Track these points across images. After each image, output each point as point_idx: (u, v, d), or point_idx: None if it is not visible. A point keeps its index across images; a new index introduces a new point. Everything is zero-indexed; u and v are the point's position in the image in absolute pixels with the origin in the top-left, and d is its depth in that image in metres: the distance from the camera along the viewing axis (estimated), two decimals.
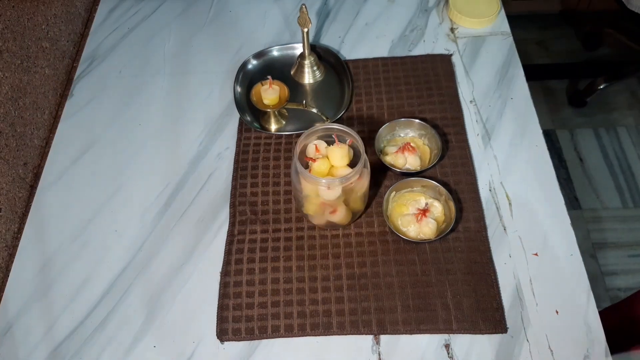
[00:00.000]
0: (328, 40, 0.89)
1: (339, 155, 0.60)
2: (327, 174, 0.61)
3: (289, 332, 0.60)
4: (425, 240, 0.63)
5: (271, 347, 0.60)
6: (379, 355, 0.59)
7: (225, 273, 0.64)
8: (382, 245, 0.65)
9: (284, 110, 0.79)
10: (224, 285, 0.63)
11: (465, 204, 0.68)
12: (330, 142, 0.62)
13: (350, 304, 0.61)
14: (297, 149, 0.59)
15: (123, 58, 0.88)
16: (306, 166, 0.61)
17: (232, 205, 0.70)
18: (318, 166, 0.60)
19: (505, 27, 0.88)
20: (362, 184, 0.61)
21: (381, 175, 0.71)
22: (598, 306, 0.61)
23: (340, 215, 0.63)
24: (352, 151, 0.62)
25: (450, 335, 0.59)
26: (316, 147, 0.62)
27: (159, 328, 0.61)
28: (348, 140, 0.60)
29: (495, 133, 0.75)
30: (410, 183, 0.67)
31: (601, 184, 1.56)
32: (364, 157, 0.58)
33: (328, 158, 0.61)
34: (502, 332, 0.59)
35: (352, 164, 0.61)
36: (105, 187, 0.73)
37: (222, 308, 0.62)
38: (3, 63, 0.71)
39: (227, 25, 0.92)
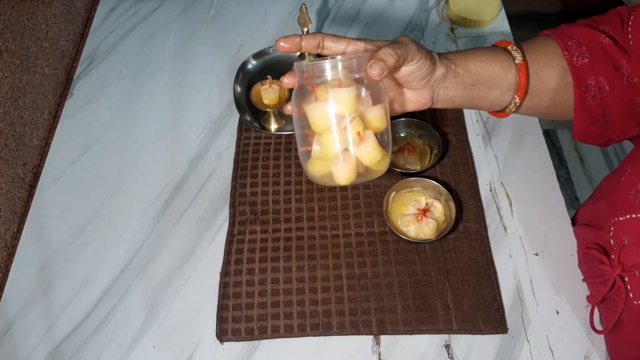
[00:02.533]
0: None
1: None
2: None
3: (289, 332, 0.60)
4: (425, 240, 0.63)
5: (271, 348, 0.60)
6: (379, 355, 0.59)
7: (224, 273, 0.64)
8: (382, 245, 0.65)
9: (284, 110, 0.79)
10: (223, 286, 0.63)
11: (466, 204, 0.68)
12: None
13: (350, 304, 0.61)
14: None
15: (123, 58, 0.88)
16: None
17: (232, 205, 0.70)
18: (322, 91, 0.49)
19: (505, 27, 0.88)
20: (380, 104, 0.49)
21: (381, 175, 0.71)
22: None
23: (370, 146, 0.48)
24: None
25: (451, 335, 0.59)
26: (313, 88, 0.49)
27: (159, 328, 0.61)
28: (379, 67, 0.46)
29: (496, 133, 0.75)
30: (410, 183, 0.67)
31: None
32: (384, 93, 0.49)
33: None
34: (502, 333, 0.59)
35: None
36: (105, 187, 0.73)
37: (221, 308, 0.62)
38: (3, 63, 0.71)
39: (227, 25, 0.92)
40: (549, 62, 0.54)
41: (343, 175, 0.49)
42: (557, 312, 0.60)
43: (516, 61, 0.54)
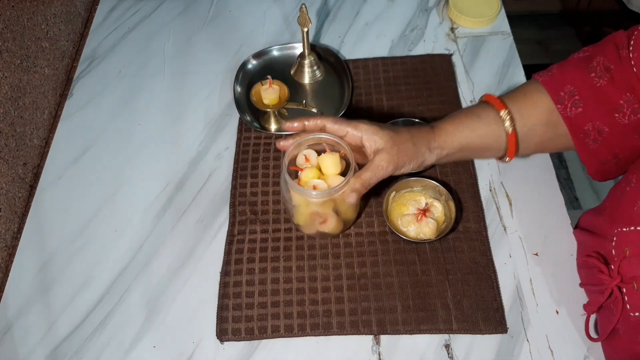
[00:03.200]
0: (328, 40, 0.88)
1: (330, 163, 0.59)
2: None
3: (289, 332, 0.60)
4: (425, 240, 0.63)
5: (271, 347, 0.60)
6: (379, 355, 0.59)
7: (225, 273, 0.64)
8: (382, 245, 0.65)
9: (284, 110, 0.79)
10: (223, 285, 0.63)
11: (466, 204, 0.68)
12: (320, 151, 0.61)
13: (350, 304, 0.61)
14: (286, 160, 0.58)
15: (123, 58, 0.88)
16: (295, 176, 0.60)
17: (232, 205, 0.70)
18: (305, 175, 0.59)
19: (505, 27, 0.88)
20: None
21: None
22: None
23: (331, 225, 0.62)
24: (343, 161, 0.60)
25: (451, 335, 0.59)
26: (306, 158, 0.60)
27: (159, 328, 0.61)
28: (341, 152, 0.59)
29: None
30: (410, 183, 0.67)
31: (601, 183, 1.56)
32: (353, 165, 0.57)
33: (318, 167, 0.60)
34: (502, 332, 0.59)
35: (344, 173, 0.60)
36: (105, 187, 0.73)
37: (221, 308, 0.62)
38: (3, 63, 0.71)
39: (227, 25, 0.92)
40: (539, 120, 0.57)
41: (305, 231, 0.66)
42: (557, 312, 0.60)
43: (507, 131, 0.57)
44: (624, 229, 0.52)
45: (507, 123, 0.57)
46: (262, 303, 0.62)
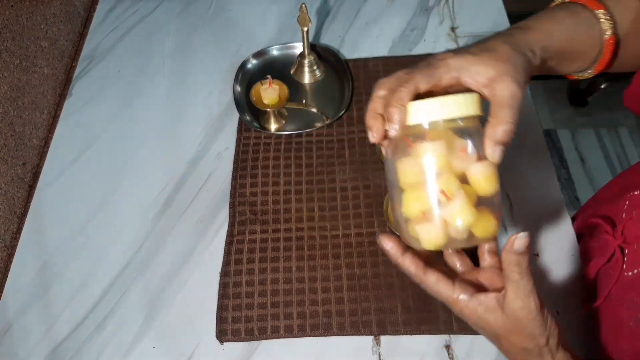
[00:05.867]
0: (328, 39, 0.88)
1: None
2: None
3: (289, 332, 0.60)
4: None
5: (271, 348, 0.60)
6: (379, 356, 0.58)
7: (224, 273, 0.64)
8: None
9: (284, 110, 0.78)
10: (223, 286, 0.63)
11: None
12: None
13: (351, 305, 0.61)
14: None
15: (122, 58, 0.88)
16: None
17: (232, 205, 0.70)
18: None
19: (506, 26, 0.88)
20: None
21: (381, 175, 0.71)
22: None
23: (458, 207, 0.40)
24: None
25: (451, 336, 0.59)
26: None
27: (159, 328, 0.61)
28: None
29: None
30: None
31: (602, 184, 1.56)
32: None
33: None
34: None
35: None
36: (104, 187, 0.73)
37: (221, 308, 0.62)
38: (2, 63, 0.71)
39: (226, 25, 0.91)
40: (632, 27, 0.46)
41: (426, 238, 0.41)
42: (557, 313, 0.60)
43: (605, 35, 0.45)
44: (636, 192, 0.51)
45: (606, 25, 0.45)
46: (262, 303, 0.62)
